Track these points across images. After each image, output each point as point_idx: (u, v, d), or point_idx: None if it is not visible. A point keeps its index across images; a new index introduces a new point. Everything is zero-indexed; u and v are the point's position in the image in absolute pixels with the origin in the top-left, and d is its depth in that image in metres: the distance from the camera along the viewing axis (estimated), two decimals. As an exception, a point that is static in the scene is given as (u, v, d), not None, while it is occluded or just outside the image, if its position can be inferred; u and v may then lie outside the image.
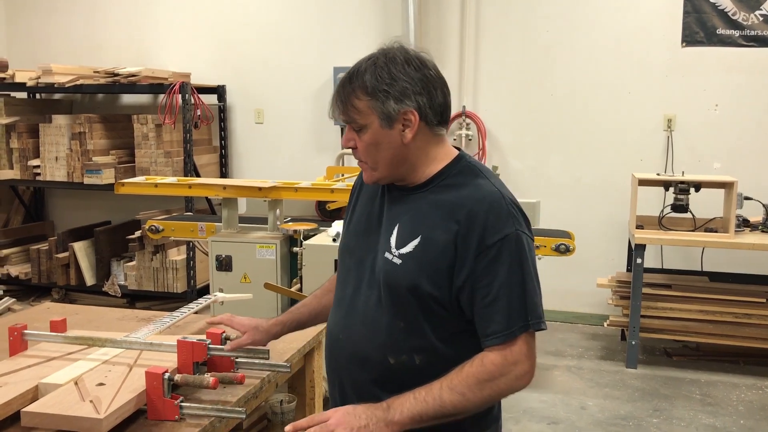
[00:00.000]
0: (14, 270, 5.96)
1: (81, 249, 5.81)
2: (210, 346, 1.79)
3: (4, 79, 5.75)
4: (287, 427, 1.43)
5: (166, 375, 1.64)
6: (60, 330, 2.02)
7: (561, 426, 3.74)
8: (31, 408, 1.56)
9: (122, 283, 5.73)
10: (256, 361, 1.84)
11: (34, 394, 1.68)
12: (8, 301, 5.68)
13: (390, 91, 1.46)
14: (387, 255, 1.53)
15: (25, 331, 1.91)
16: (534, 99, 5.40)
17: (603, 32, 5.23)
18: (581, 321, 5.46)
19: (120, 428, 1.59)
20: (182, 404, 1.64)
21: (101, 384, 1.69)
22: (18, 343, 1.90)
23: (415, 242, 1.50)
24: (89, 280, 5.81)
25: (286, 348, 2.13)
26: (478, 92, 5.52)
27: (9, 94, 6.03)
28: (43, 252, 5.91)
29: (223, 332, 1.93)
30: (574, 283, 5.38)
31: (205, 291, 5.73)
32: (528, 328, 1.45)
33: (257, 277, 3.96)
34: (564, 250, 4.04)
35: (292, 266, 4.07)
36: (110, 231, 5.95)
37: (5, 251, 5.99)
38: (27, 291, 6.10)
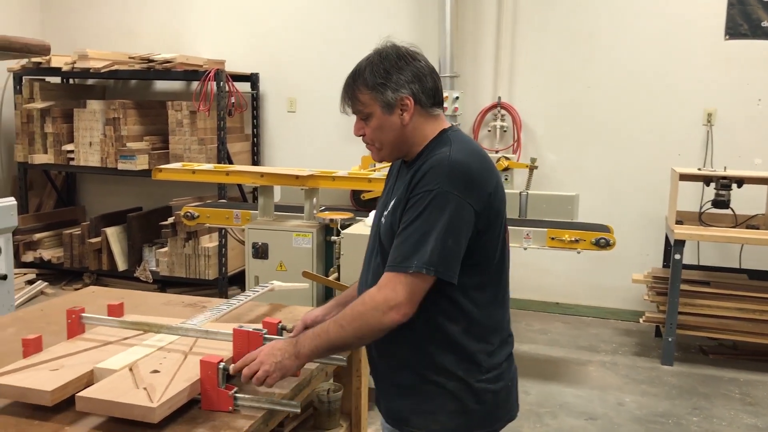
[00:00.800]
0: (47, 254, 6.01)
1: (113, 234, 5.84)
2: (266, 336, 1.77)
3: (40, 63, 5.78)
4: (232, 368, 1.66)
5: (221, 365, 1.62)
6: (117, 314, 2.02)
7: (599, 422, 3.69)
8: (86, 393, 1.55)
9: (154, 269, 5.75)
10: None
11: (90, 378, 1.67)
12: (41, 284, 5.75)
13: (387, 83, 1.70)
14: (382, 219, 1.77)
15: (83, 315, 1.90)
16: (571, 90, 5.33)
17: (644, 23, 5.14)
18: (614, 317, 5.40)
19: (173, 417, 1.58)
20: (236, 395, 1.62)
21: (156, 371, 1.68)
22: (76, 325, 1.90)
23: (392, 203, 1.73)
24: (121, 265, 5.84)
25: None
26: (514, 82, 5.45)
27: (44, 79, 6.07)
28: (76, 237, 5.95)
29: (280, 322, 1.91)
30: (608, 278, 5.32)
31: (236, 278, 5.74)
32: (409, 269, 1.59)
33: (293, 266, 3.95)
34: (604, 245, 3.98)
35: (327, 255, 4.05)
36: (142, 217, 5.98)
37: (38, 235, 6.04)
38: (59, 275, 6.15)
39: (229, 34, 6.09)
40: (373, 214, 3.93)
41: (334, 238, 3.90)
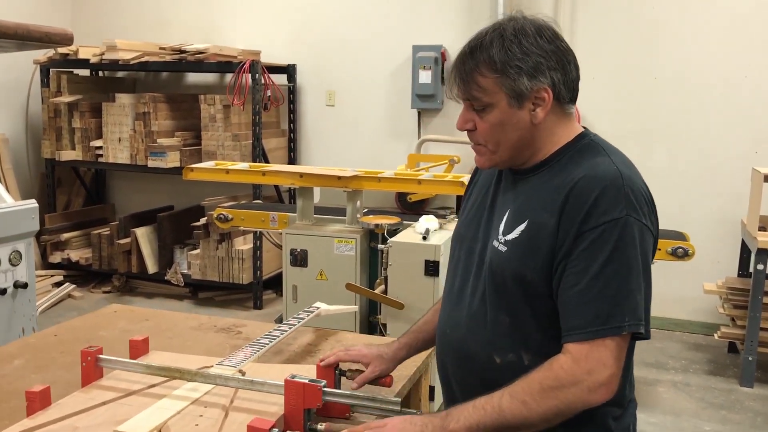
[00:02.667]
0: (75, 255, 5.75)
1: (143, 235, 5.55)
2: (325, 389, 1.41)
3: (68, 55, 5.51)
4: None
5: (274, 431, 1.27)
6: (142, 351, 1.69)
7: (678, 456, 3.29)
8: (108, 473, 1.22)
9: (185, 271, 5.46)
10: (381, 407, 1.45)
11: (110, 445, 1.34)
12: (68, 287, 5.50)
13: (523, 66, 1.31)
14: (494, 243, 1.40)
15: (100, 357, 1.57)
16: (636, 82, 4.89)
17: (717, 10, 4.68)
18: (681, 329, 4.96)
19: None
20: (294, 467, 1.28)
21: (192, 436, 1.34)
22: (92, 370, 1.57)
23: (522, 227, 1.35)
24: (151, 267, 5.55)
25: (396, 376, 1.75)
26: (572, 75, 5.03)
27: (72, 72, 5.80)
28: (105, 237, 5.68)
29: (338, 366, 1.57)
30: (674, 287, 4.88)
31: (271, 283, 5.43)
32: (621, 330, 1.23)
33: (335, 275, 3.62)
34: (682, 255, 3.59)
35: (372, 264, 3.70)
36: (173, 217, 5.69)
37: (66, 235, 5.79)
38: (87, 277, 5.89)
39: (265, 24, 5.74)
40: (425, 220, 3.59)
41: (380, 246, 3.54)
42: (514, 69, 1.31)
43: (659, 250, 3.57)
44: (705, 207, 4.80)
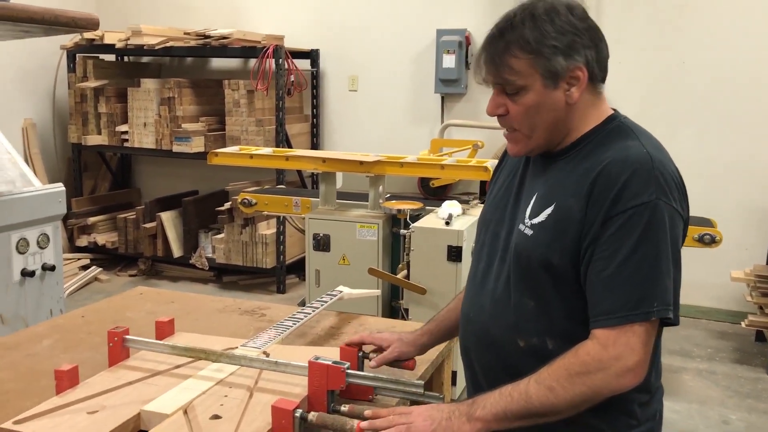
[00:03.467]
0: (101, 239, 5.82)
1: (168, 219, 5.61)
2: (348, 371, 1.42)
3: (94, 40, 5.55)
4: (366, 412, 1.30)
5: (298, 412, 1.28)
6: (168, 332, 1.71)
7: (703, 444, 3.27)
8: (134, 451, 1.23)
9: (210, 255, 5.51)
10: (404, 389, 1.46)
11: (136, 424, 1.36)
12: (95, 270, 5.57)
13: (558, 45, 1.28)
14: (520, 227, 1.38)
15: (127, 337, 1.59)
16: (663, 65, 4.81)
17: (749, -10, 4.59)
18: (706, 316, 4.91)
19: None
20: (316, 449, 1.28)
21: (216, 416, 1.36)
22: (118, 350, 1.59)
23: (548, 211, 1.33)
24: (176, 251, 5.61)
25: (418, 360, 1.75)
26: (598, 59, 4.96)
27: (98, 57, 5.85)
28: (131, 221, 5.74)
29: (360, 349, 1.57)
30: (700, 274, 4.81)
31: (294, 267, 5.46)
32: (650, 316, 1.21)
33: (357, 259, 3.62)
34: (709, 241, 3.54)
35: (394, 249, 3.70)
36: (198, 201, 5.73)
37: (92, 219, 5.86)
38: (113, 260, 5.97)
39: (289, 8, 5.74)
40: (447, 205, 3.58)
41: (402, 230, 3.54)
42: (549, 48, 1.28)
43: (686, 236, 3.53)
44: (733, 193, 4.72)
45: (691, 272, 4.69)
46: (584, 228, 1.27)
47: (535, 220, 1.35)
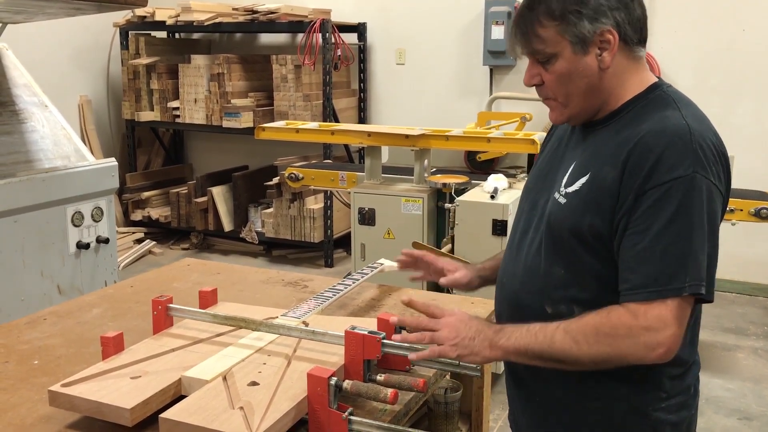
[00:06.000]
0: (155, 213, 5.97)
1: (219, 194, 5.71)
2: (384, 341, 1.43)
3: (145, 17, 5.64)
4: (392, 318, 1.42)
5: (333, 380, 1.30)
6: (210, 301, 1.74)
7: (756, 423, 3.18)
8: (171, 414, 1.26)
9: (259, 229, 5.59)
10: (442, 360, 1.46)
11: (177, 389, 1.40)
12: (149, 244, 5.72)
13: (582, 10, 1.26)
14: (555, 195, 1.37)
15: (171, 305, 1.63)
16: (722, 34, 4.63)
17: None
18: (763, 294, 4.76)
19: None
20: (351, 417, 1.30)
21: (254, 383, 1.38)
22: (162, 318, 1.63)
23: (583, 180, 1.32)
24: (227, 225, 5.72)
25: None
26: (653, 25, 4.78)
27: (149, 34, 5.95)
28: (183, 196, 5.87)
29: (397, 320, 1.57)
30: (757, 249, 4.67)
31: (342, 241, 5.50)
32: (682, 291, 1.19)
33: (402, 233, 3.62)
34: (765, 216, 3.42)
35: (439, 223, 3.68)
36: (248, 176, 5.81)
37: (146, 194, 6.01)
38: (166, 234, 6.12)
39: (335, -18, 5.72)
40: (493, 178, 3.54)
41: (447, 204, 3.52)
42: (574, 14, 1.26)
43: (741, 210, 3.42)
44: (794, 166, 4.55)
45: (748, 248, 4.60)
46: (619, 199, 1.25)
47: (570, 189, 1.34)
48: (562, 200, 1.35)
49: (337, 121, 5.31)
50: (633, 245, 1.23)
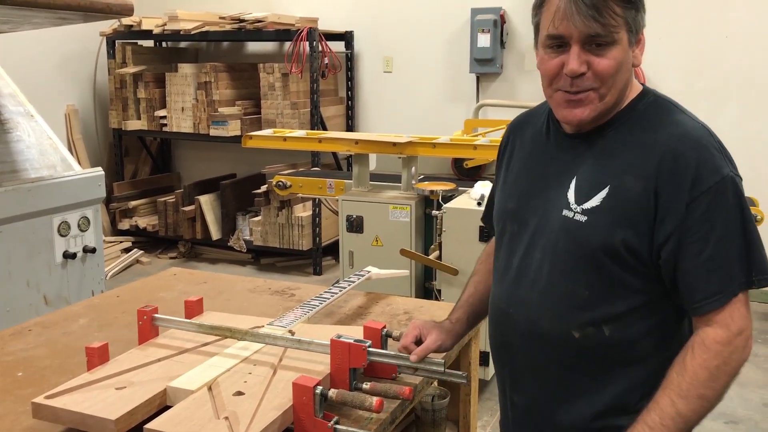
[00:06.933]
0: (142, 222, 5.95)
1: (207, 202, 5.70)
2: (370, 350, 1.43)
3: (132, 26, 5.64)
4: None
5: (319, 389, 1.30)
6: (196, 311, 1.74)
7: (742, 426, 3.21)
8: (156, 425, 1.26)
9: (247, 238, 5.59)
10: (426, 368, 1.46)
11: (162, 399, 1.40)
12: (136, 253, 5.70)
13: (641, 2, 1.24)
14: (566, 213, 1.29)
15: (156, 316, 1.63)
16: (706, 40, 4.68)
17: (795, -39, 4.42)
18: (751, 298, 4.78)
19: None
20: (336, 426, 1.30)
21: (239, 393, 1.38)
22: (148, 328, 1.63)
23: (603, 194, 1.26)
24: (215, 234, 5.70)
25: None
26: (637, 35, 4.85)
27: (136, 43, 5.94)
28: (170, 204, 5.85)
29: (384, 327, 1.58)
30: (743, 254, 4.70)
31: (330, 249, 5.50)
32: (750, 285, 1.21)
33: (390, 241, 3.63)
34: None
35: (427, 230, 3.70)
36: (236, 185, 5.81)
37: (133, 203, 5.99)
38: (154, 243, 6.10)
39: (322, -10, 5.74)
40: (480, 185, 3.55)
41: (435, 212, 3.53)
42: (641, 1, 1.24)
43: (726, 216, 3.45)
44: (777, 172, 4.59)
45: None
46: (658, 211, 1.22)
47: (587, 205, 1.27)
48: (582, 218, 1.27)
49: (324, 128, 5.32)
50: (698, 253, 1.21)
